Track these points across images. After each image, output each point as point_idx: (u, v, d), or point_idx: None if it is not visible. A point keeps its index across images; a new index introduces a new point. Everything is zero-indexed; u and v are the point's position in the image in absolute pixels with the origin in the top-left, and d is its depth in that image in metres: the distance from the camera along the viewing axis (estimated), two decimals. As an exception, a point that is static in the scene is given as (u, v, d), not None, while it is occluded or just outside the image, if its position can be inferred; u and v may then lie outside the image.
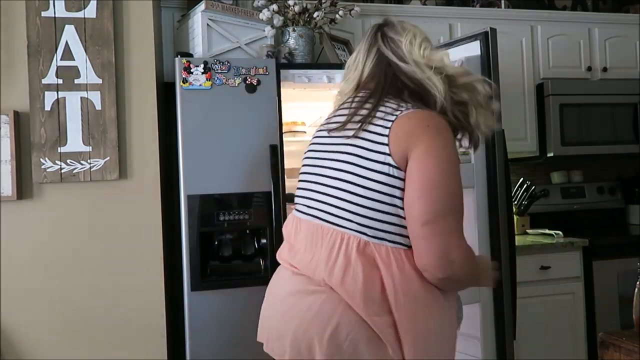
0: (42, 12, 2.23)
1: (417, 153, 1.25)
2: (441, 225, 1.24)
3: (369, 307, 1.24)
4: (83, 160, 2.25)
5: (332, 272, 1.28)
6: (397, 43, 1.40)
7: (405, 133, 1.27)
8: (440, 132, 1.29)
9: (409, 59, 1.38)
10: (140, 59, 2.35)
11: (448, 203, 1.26)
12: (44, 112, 2.22)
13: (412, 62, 1.37)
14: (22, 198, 2.21)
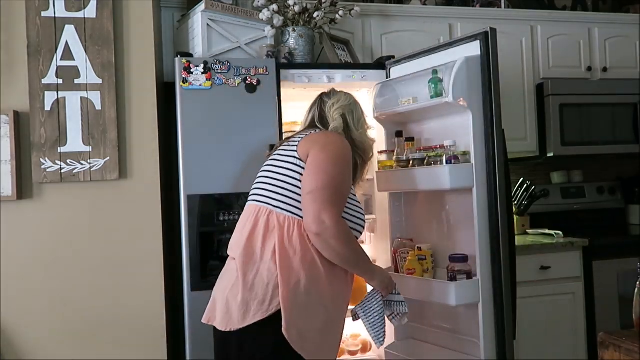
0: (42, 12, 2.23)
1: (314, 150, 1.73)
2: (319, 194, 1.65)
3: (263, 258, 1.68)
4: (83, 160, 2.25)
5: (243, 231, 1.75)
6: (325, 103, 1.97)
7: (311, 139, 1.78)
8: (335, 140, 1.78)
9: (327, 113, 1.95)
10: (140, 59, 2.35)
11: (328, 181, 1.67)
12: (44, 112, 2.22)
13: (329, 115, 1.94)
14: (22, 198, 2.21)
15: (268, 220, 1.71)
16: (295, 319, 1.62)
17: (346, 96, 1.99)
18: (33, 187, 2.23)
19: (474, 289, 2.12)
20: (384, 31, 3.09)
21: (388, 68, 2.64)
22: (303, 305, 1.64)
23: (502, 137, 2.16)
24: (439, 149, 2.24)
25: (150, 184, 2.33)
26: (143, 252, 2.31)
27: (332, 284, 1.71)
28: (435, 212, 2.45)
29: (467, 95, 2.13)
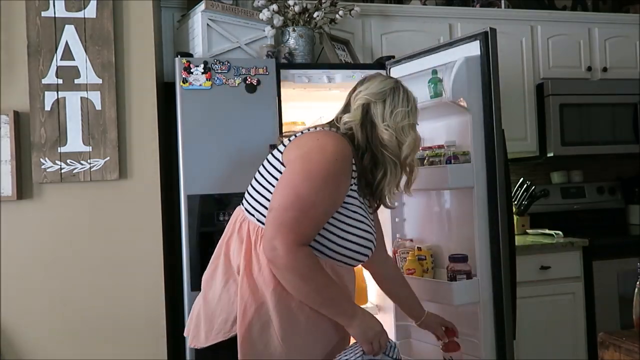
0: (42, 12, 2.23)
1: (292, 158, 1.48)
2: (279, 215, 1.41)
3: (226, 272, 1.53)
4: (83, 160, 2.25)
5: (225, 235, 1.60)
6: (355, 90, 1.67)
7: (298, 142, 1.52)
8: (324, 148, 1.47)
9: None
10: (140, 59, 2.35)
11: (294, 201, 1.41)
12: (44, 112, 2.22)
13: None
14: (22, 198, 2.21)
15: (241, 227, 1.53)
16: (253, 354, 1.41)
17: (383, 82, 1.62)
18: (33, 187, 2.23)
19: (474, 289, 2.12)
20: (384, 31, 3.09)
21: (388, 68, 2.64)
22: (264, 338, 1.42)
23: (502, 137, 2.16)
24: (438, 148, 2.23)
25: (150, 184, 2.33)
26: (143, 252, 2.31)
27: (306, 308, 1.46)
28: (435, 212, 2.45)
29: (467, 95, 2.13)
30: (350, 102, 1.63)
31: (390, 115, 1.57)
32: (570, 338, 2.97)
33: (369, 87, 1.61)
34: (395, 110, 1.57)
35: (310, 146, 1.48)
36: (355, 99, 1.61)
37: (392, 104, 1.58)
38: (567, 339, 2.97)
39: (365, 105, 1.59)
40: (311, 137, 1.52)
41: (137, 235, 2.31)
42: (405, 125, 1.58)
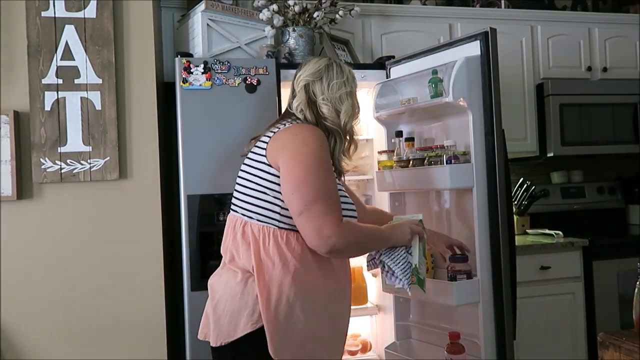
0: (42, 12, 2.23)
1: (285, 158, 1.57)
2: (312, 211, 1.52)
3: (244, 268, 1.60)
4: (83, 160, 2.25)
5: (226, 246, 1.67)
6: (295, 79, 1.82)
7: (277, 142, 1.62)
8: (307, 140, 1.60)
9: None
10: (140, 59, 2.35)
11: (315, 194, 1.53)
12: (44, 112, 2.22)
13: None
14: (22, 198, 2.21)
15: (244, 232, 1.61)
16: (283, 339, 1.53)
17: (317, 62, 1.78)
18: (33, 187, 2.23)
19: (474, 289, 2.12)
20: (384, 31, 3.09)
21: (388, 68, 2.64)
22: (290, 323, 1.55)
23: (502, 137, 2.16)
24: (439, 149, 2.23)
25: (150, 184, 2.33)
26: (143, 252, 2.31)
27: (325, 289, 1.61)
28: (435, 212, 2.45)
29: (467, 95, 2.13)
30: (294, 87, 1.78)
31: (328, 88, 1.73)
32: (570, 338, 2.97)
33: (306, 69, 1.77)
34: (331, 83, 1.73)
35: (294, 143, 1.60)
36: (297, 83, 1.77)
37: (328, 79, 1.74)
38: (567, 339, 2.97)
39: (306, 86, 1.75)
40: (289, 134, 1.63)
41: (137, 235, 2.31)
42: (342, 94, 1.74)
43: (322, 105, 1.71)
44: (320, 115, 1.71)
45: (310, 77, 1.75)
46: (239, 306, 1.57)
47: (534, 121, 3.31)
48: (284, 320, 1.54)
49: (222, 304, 1.61)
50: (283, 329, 1.53)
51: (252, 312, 1.55)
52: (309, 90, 1.74)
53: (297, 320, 1.55)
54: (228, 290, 1.61)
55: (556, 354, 2.93)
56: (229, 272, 1.65)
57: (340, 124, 1.72)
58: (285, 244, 1.57)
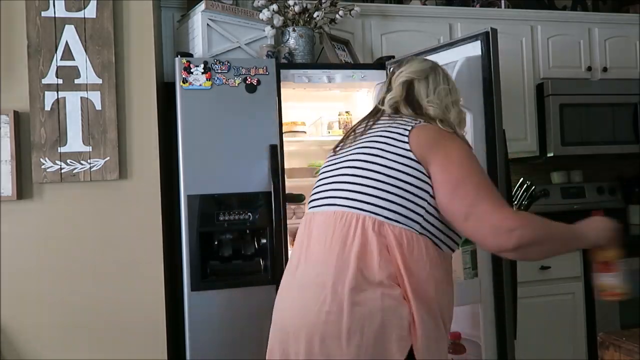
0: (42, 12, 2.23)
1: (438, 160, 1.41)
2: (479, 212, 1.36)
3: (382, 280, 1.36)
4: (83, 160, 2.25)
5: (350, 249, 1.38)
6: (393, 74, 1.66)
7: (426, 138, 1.44)
8: (452, 138, 1.47)
9: None
10: (140, 59, 2.35)
11: (476, 193, 1.38)
12: (44, 112, 2.22)
13: None
14: (22, 198, 2.21)
15: (380, 234, 1.38)
16: (428, 345, 1.37)
17: (422, 62, 1.66)
18: (33, 187, 2.23)
19: (475, 289, 2.12)
20: (384, 31, 3.09)
21: (388, 68, 2.64)
22: (434, 330, 1.39)
23: (503, 137, 2.16)
24: (439, 149, 2.23)
25: (150, 184, 2.33)
26: (143, 252, 2.31)
27: (450, 293, 1.48)
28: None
29: (468, 95, 2.12)
30: (391, 82, 1.64)
31: (434, 92, 1.59)
32: (570, 338, 2.98)
33: (410, 67, 1.63)
34: (438, 87, 1.60)
35: (440, 140, 1.45)
36: (397, 78, 1.62)
37: (435, 82, 1.61)
38: (567, 339, 2.97)
39: (407, 82, 1.61)
40: (436, 131, 1.48)
41: (137, 235, 2.31)
42: (449, 103, 1.60)
43: (429, 107, 1.56)
44: (424, 115, 1.55)
45: (413, 75, 1.61)
46: (388, 329, 1.33)
47: (534, 121, 3.31)
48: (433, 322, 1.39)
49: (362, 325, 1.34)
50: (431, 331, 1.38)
51: (402, 337, 1.34)
52: (413, 88, 1.60)
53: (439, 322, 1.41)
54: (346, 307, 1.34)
55: (556, 354, 2.93)
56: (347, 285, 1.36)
57: (441, 118, 1.56)
58: (431, 252, 1.41)
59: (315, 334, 1.36)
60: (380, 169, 1.43)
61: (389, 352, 1.33)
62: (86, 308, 2.25)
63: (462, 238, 1.51)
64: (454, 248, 1.50)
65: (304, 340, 1.37)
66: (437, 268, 1.42)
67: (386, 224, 1.39)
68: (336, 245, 1.41)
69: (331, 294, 1.36)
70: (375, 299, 1.34)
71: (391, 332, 1.33)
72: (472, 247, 2.12)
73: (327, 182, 1.54)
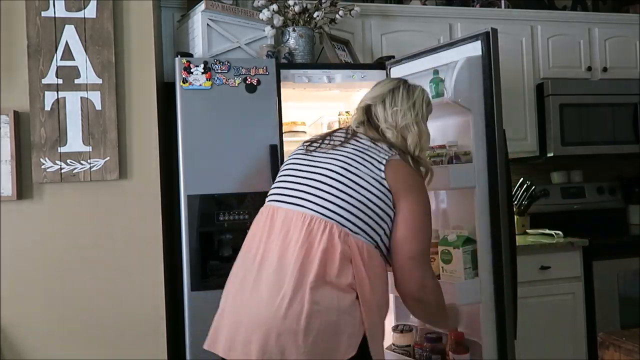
0: (42, 12, 2.23)
1: (408, 200, 1.58)
2: (421, 259, 1.60)
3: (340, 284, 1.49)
4: (83, 160, 2.25)
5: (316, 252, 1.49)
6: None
7: (402, 177, 1.59)
8: (422, 184, 1.65)
9: None
10: (140, 59, 2.35)
11: (426, 243, 1.61)
12: (44, 112, 2.22)
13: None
14: (22, 198, 2.21)
15: (345, 243, 1.51)
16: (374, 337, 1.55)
17: (385, 85, 1.75)
18: (33, 187, 2.23)
19: (475, 289, 2.12)
20: (384, 31, 3.09)
21: (388, 68, 2.64)
22: (379, 326, 1.59)
23: (503, 137, 2.16)
24: (440, 149, 2.23)
25: (150, 184, 2.33)
26: (143, 252, 2.31)
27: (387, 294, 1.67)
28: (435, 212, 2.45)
29: (468, 95, 2.13)
30: (377, 121, 1.72)
31: (390, 115, 1.68)
32: (570, 338, 2.97)
33: (372, 92, 1.74)
34: (393, 109, 1.68)
35: (414, 184, 1.61)
36: (360, 103, 1.74)
37: (392, 104, 1.69)
38: (567, 339, 2.97)
39: (365, 107, 1.71)
40: (406, 172, 1.61)
41: (137, 235, 2.31)
42: (409, 122, 1.68)
43: (386, 131, 1.66)
44: (383, 138, 1.66)
45: (370, 101, 1.72)
46: (341, 327, 1.47)
47: (534, 121, 3.31)
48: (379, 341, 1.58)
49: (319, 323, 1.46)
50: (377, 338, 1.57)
51: (351, 335, 1.48)
52: (370, 112, 1.70)
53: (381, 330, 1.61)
54: (306, 305, 1.45)
55: (556, 354, 2.93)
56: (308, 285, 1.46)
57: (410, 152, 1.67)
58: (381, 268, 1.59)
59: (272, 329, 1.44)
60: (357, 188, 1.55)
61: (340, 349, 1.46)
62: (86, 308, 2.25)
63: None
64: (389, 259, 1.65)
65: (260, 333, 1.45)
66: (384, 276, 1.60)
67: (351, 235, 1.52)
68: (302, 246, 1.50)
69: (292, 292, 1.46)
70: (333, 299, 1.47)
71: (344, 330, 1.47)
72: (473, 247, 2.12)
73: (298, 182, 1.61)
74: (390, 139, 1.65)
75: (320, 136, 1.75)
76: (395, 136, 1.65)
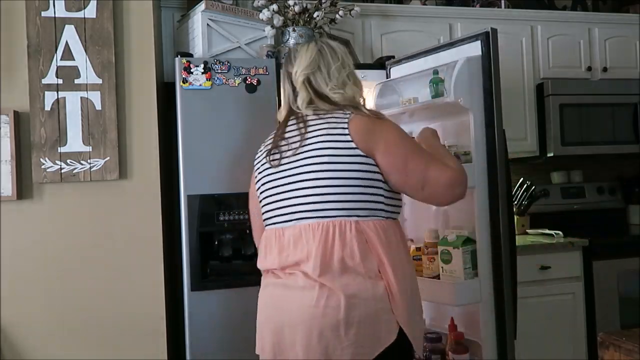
0: (42, 12, 2.23)
1: (381, 148, 1.52)
2: (430, 178, 1.54)
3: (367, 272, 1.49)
4: (83, 160, 2.25)
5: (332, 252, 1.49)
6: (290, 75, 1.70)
7: (364, 131, 1.54)
8: (383, 122, 1.59)
9: None
10: (140, 59, 2.34)
11: (422, 162, 1.55)
12: (44, 112, 2.22)
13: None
14: (22, 198, 2.21)
15: (357, 231, 1.50)
16: (410, 319, 1.54)
17: (307, 51, 1.66)
18: (33, 187, 2.23)
19: (475, 289, 2.12)
20: (384, 31, 3.09)
21: (388, 68, 2.64)
22: (414, 304, 1.58)
23: (503, 137, 2.16)
24: (439, 149, 2.23)
25: (150, 184, 2.33)
26: (143, 252, 2.31)
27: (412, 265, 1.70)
28: (436, 212, 2.45)
29: (468, 95, 2.13)
30: (293, 84, 1.66)
31: (330, 78, 1.63)
32: (570, 338, 2.98)
33: (300, 63, 1.65)
34: (330, 70, 1.63)
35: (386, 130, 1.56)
36: (297, 79, 1.64)
37: (327, 66, 1.64)
38: (567, 339, 2.97)
39: (306, 80, 1.64)
40: (371, 120, 1.57)
41: (137, 235, 2.30)
42: (344, 78, 1.65)
43: (334, 96, 1.62)
44: (334, 103, 1.62)
45: (307, 70, 1.64)
46: (379, 315, 1.48)
47: (534, 121, 3.31)
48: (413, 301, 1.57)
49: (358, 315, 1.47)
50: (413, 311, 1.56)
51: (390, 320, 1.49)
52: (312, 84, 1.64)
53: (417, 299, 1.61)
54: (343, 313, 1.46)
55: (556, 354, 2.94)
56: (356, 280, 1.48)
57: (355, 103, 1.65)
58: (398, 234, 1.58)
59: (313, 328, 1.45)
60: (337, 174, 1.52)
61: (382, 335, 1.47)
62: (86, 308, 2.25)
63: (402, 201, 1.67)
64: (399, 211, 1.65)
65: (302, 335, 1.47)
66: (404, 245, 1.60)
67: (360, 221, 1.51)
68: (319, 250, 1.49)
69: (323, 290, 1.47)
70: (366, 289, 1.47)
71: (381, 318, 1.48)
72: (472, 247, 2.12)
73: (283, 198, 1.59)
74: (339, 101, 1.62)
75: (275, 143, 1.69)
76: (343, 95, 1.62)
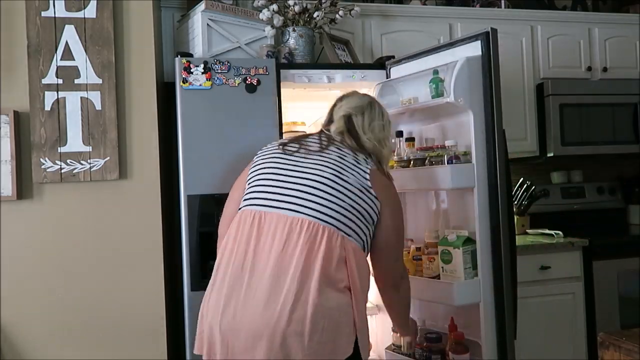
0: (42, 12, 2.23)
1: (391, 207, 1.73)
2: (401, 258, 1.86)
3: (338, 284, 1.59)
4: (83, 160, 2.25)
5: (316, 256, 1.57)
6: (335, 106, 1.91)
7: (384, 186, 1.74)
8: (397, 193, 1.81)
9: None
10: (140, 59, 2.35)
11: (402, 244, 1.86)
12: (44, 112, 2.22)
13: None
14: (22, 198, 2.21)
15: (341, 246, 1.60)
16: (363, 332, 1.66)
17: (361, 98, 1.89)
18: (33, 187, 2.23)
19: (475, 289, 2.12)
20: (384, 31, 3.09)
21: (388, 68, 2.64)
22: (366, 321, 1.70)
23: (503, 137, 2.16)
24: (439, 149, 2.23)
25: (150, 184, 2.33)
26: (143, 252, 2.31)
27: None
28: (436, 212, 2.45)
29: (468, 95, 2.13)
30: (332, 114, 1.86)
31: (369, 127, 1.81)
32: (570, 338, 2.98)
33: (349, 102, 1.85)
34: (373, 123, 1.82)
35: (394, 196, 1.78)
36: (337, 111, 1.84)
37: (370, 117, 1.83)
38: (567, 339, 2.97)
39: (346, 116, 1.81)
40: (388, 184, 1.79)
41: (137, 235, 2.31)
42: (382, 138, 1.84)
43: (366, 141, 1.79)
44: (361, 145, 1.79)
45: (351, 110, 1.83)
46: (342, 327, 1.58)
47: (534, 121, 3.31)
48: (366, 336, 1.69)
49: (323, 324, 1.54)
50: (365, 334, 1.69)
51: (351, 332, 1.60)
52: (352, 121, 1.81)
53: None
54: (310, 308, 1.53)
55: (556, 354, 2.94)
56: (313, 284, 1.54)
57: (380, 159, 1.82)
58: (367, 268, 1.71)
59: (277, 333, 1.49)
60: (349, 194, 1.65)
61: (342, 346, 1.55)
62: (86, 308, 2.25)
63: None
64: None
65: (266, 340, 1.50)
66: (368, 275, 1.72)
67: (346, 238, 1.62)
68: (302, 251, 1.56)
69: (295, 296, 1.51)
70: (334, 299, 1.55)
71: (343, 329, 1.56)
72: (473, 247, 2.12)
73: (286, 187, 1.68)
74: (369, 149, 1.79)
75: (295, 138, 1.85)
76: (374, 147, 1.80)
